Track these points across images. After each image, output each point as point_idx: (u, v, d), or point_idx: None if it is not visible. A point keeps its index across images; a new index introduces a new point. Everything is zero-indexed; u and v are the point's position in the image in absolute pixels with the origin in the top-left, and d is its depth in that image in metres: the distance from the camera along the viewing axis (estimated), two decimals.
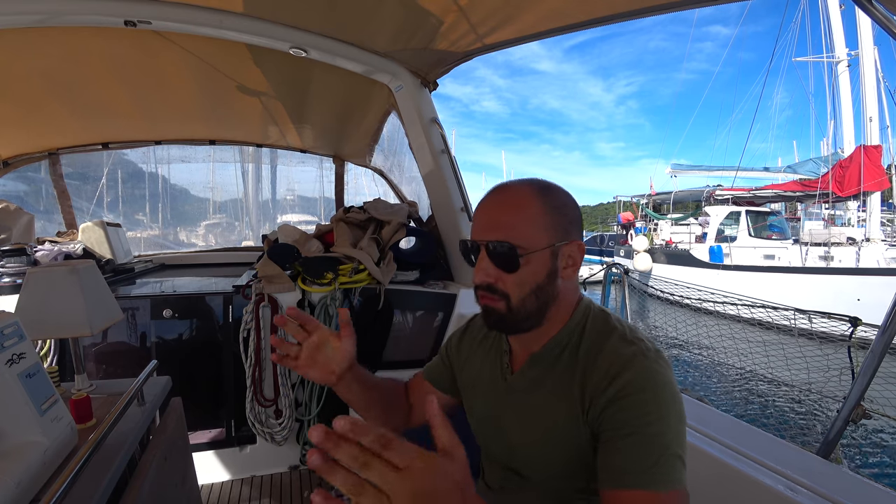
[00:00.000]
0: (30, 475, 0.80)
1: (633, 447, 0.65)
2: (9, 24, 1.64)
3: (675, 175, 17.79)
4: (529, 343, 0.82)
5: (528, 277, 0.74)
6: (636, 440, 0.65)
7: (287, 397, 2.18)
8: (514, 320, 0.75)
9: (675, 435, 0.66)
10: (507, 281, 0.74)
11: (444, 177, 2.30)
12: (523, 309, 0.75)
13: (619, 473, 0.65)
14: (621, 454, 0.66)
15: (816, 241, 10.87)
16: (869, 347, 1.17)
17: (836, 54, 12.60)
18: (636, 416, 0.66)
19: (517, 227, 0.73)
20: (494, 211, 0.76)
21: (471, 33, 1.71)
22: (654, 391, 0.67)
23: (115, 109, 2.65)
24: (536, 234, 0.73)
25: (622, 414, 0.67)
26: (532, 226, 0.73)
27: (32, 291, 1.18)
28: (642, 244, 14.59)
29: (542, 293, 0.75)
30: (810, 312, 5.65)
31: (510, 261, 0.73)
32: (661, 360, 0.71)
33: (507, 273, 0.73)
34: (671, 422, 0.66)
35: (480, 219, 0.77)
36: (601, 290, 7.72)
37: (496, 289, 0.75)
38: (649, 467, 0.63)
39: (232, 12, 1.72)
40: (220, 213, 4.34)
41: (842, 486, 0.84)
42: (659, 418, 0.66)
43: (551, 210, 0.75)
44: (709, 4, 1.28)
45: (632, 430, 0.66)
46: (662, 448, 0.64)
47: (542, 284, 0.75)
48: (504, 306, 0.75)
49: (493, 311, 0.76)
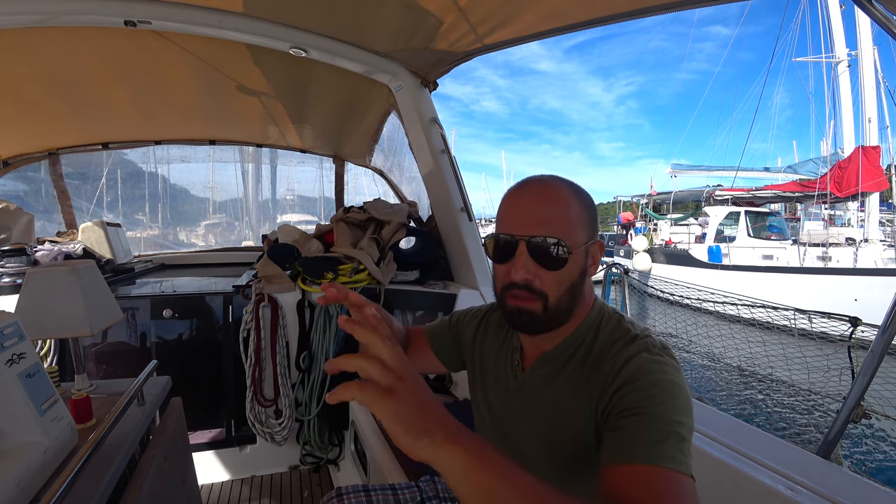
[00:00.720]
0: (30, 475, 0.80)
1: (640, 424, 0.62)
2: (9, 24, 1.64)
3: (674, 175, 17.81)
4: (542, 342, 0.80)
5: (566, 276, 0.72)
6: (644, 419, 0.62)
7: (287, 397, 2.18)
8: (547, 320, 0.73)
9: (683, 420, 0.63)
10: (546, 279, 0.71)
11: (444, 177, 2.30)
12: (558, 308, 0.73)
13: (627, 447, 0.61)
14: (628, 430, 0.62)
15: (814, 242, 10.90)
16: (869, 347, 1.17)
17: (837, 54, 12.59)
18: (643, 397, 0.64)
19: (562, 224, 0.71)
20: (536, 206, 0.73)
21: (470, 33, 1.71)
22: (660, 378, 0.66)
23: (115, 109, 2.65)
24: (577, 231, 0.72)
25: (629, 397, 0.65)
26: (574, 223, 0.72)
27: (32, 291, 1.18)
28: (642, 244, 14.61)
29: (575, 291, 0.74)
30: (810, 312, 5.66)
31: (555, 258, 0.70)
32: (668, 356, 0.70)
33: (548, 270, 0.71)
34: (678, 405, 0.64)
35: (519, 213, 0.73)
36: (601, 289, 7.73)
37: (534, 288, 0.72)
38: (658, 442, 0.59)
39: (232, 12, 1.72)
40: (220, 214, 4.34)
41: (842, 486, 0.84)
42: (666, 399, 0.63)
43: (585, 208, 0.74)
44: (709, 4, 1.28)
45: (638, 411, 0.63)
46: (671, 426, 0.61)
47: (577, 283, 0.73)
48: (540, 307, 0.72)
49: (526, 313, 0.73)
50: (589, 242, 0.74)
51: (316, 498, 2.12)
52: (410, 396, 0.48)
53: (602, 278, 7.97)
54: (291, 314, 2.23)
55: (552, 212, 0.72)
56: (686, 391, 0.67)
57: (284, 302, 2.20)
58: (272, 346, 2.16)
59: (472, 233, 2.37)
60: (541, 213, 0.72)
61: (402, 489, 1.11)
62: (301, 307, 2.24)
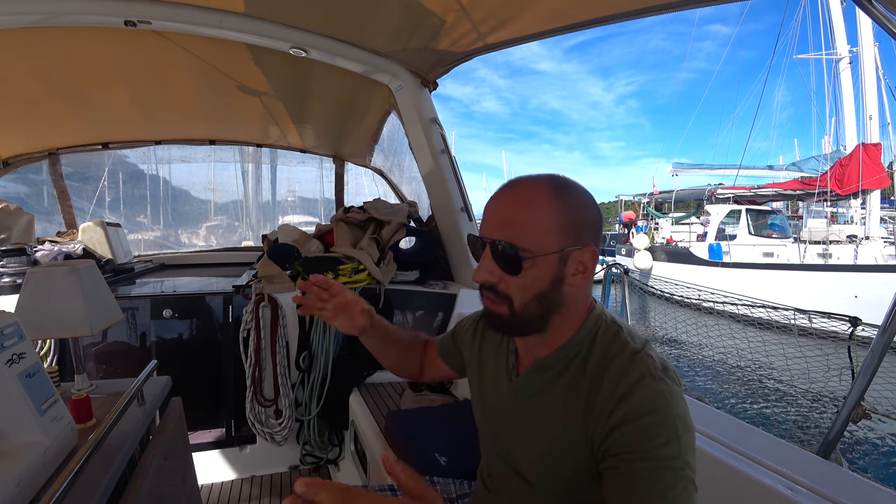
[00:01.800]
0: (30, 475, 0.80)
1: (645, 473, 0.61)
2: (9, 24, 1.64)
3: (676, 174, 17.81)
4: (535, 348, 0.79)
5: (530, 282, 0.69)
6: (647, 465, 0.61)
7: (287, 397, 2.18)
8: (516, 324, 0.73)
9: (686, 457, 0.63)
10: (510, 283, 0.70)
11: (444, 177, 2.30)
12: (525, 314, 0.71)
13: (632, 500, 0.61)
14: (632, 481, 0.62)
15: (815, 239, 10.90)
16: (869, 347, 1.17)
17: (838, 51, 12.55)
18: (645, 439, 0.63)
19: (524, 227, 0.68)
20: (503, 208, 0.72)
21: (470, 33, 1.71)
22: (664, 412, 0.64)
23: (115, 109, 2.65)
24: (544, 236, 0.68)
25: (630, 437, 0.64)
26: (543, 228, 0.68)
27: (32, 291, 1.18)
28: (643, 242, 14.64)
29: (544, 300, 0.71)
30: (810, 312, 5.66)
31: (513, 263, 0.69)
32: (670, 380, 0.67)
33: (510, 275, 0.70)
34: (681, 443, 0.63)
35: (489, 214, 0.73)
36: (601, 289, 7.73)
37: (498, 290, 0.71)
38: (666, 492, 0.60)
39: (232, 12, 1.72)
40: (221, 215, 4.33)
41: (842, 486, 0.84)
42: (668, 441, 0.62)
43: (565, 211, 0.69)
44: (709, 4, 1.28)
45: (641, 455, 0.62)
46: (675, 472, 0.61)
47: (546, 291, 0.70)
48: (506, 310, 0.72)
49: (495, 315, 0.73)
50: (567, 249, 0.69)
51: None
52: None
53: (602, 278, 7.98)
54: (291, 314, 2.23)
55: (519, 216, 0.69)
56: (686, 414, 0.66)
57: (284, 302, 2.20)
58: (272, 346, 2.16)
59: (473, 233, 2.37)
60: (506, 217, 0.70)
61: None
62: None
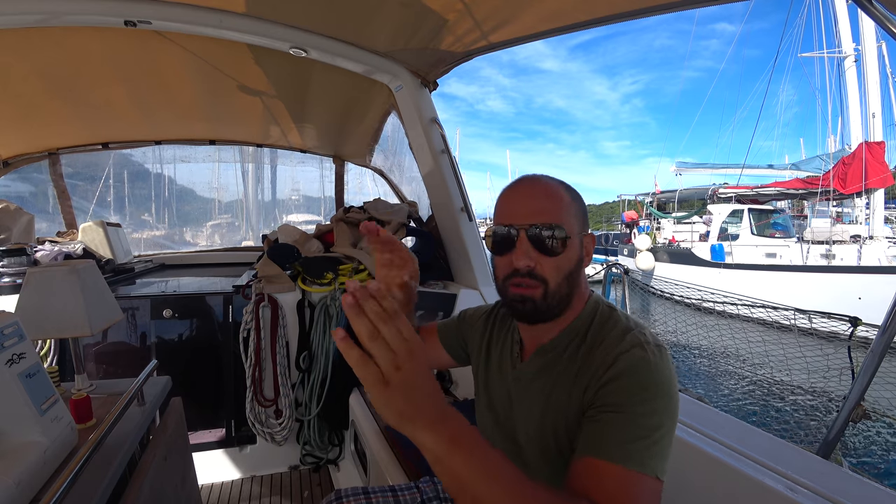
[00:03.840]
0: (30, 475, 0.80)
1: (615, 422, 0.65)
2: (9, 24, 1.64)
3: (679, 173, 17.76)
4: (540, 334, 0.83)
5: (564, 262, 0.76)
6: (620, 417, 0.65)
7: (287, 397, 2.18)
8: (547, 307, 0.77)
9: (662, 423, 0.65)
10: (546, 265, 0.76)
11: (444, 177, 2.30)
12: (558, 293, 0.76)
13: (597, 442, 0.65)
14: (601, 426, 0.66)
15: (818, 240, 10.83)
16: (869, 347, 1.17)
17: (843, 49, 12.48)
18: (626, 396, 0.67)
19: (558, 213, 0.76)
20: (532, 198, 0.78)
21: (470, 33, 1.70)
22: (648, 376, 0.68)
23: (115, 109, 2.65)
24: (572, 221, 0.77)
25: (612, 395, 0.68)
26: (568, 213, 0.77)
27: (32, 291, 1.18)
28: (645, 243, 14.58)
29: (572, 279, 0.77)
30: (810, 312, 5.65)
31: (554, 244, 0.75)
32: (661, 354, 0.71)
33: (549, 257, 0.75)
34: (659, 408, 0.66)
35: (517, 205, 0.79)
36: (601, 289, 7.72)
37: (536, 274, 0.76)
38: (627, 442, 0.63)
39: (232, 12, 1.72)
40: (224, 214, 4.33)
41: (842, 486, 0.84)
42: (646, 400, 0.66)
43: (575, 202, 0.80)
44: (712, 4, 1.28)
45: (618, 409, 0.66)
46: (646, 430, 0.64)
47: (574, 271, 0.78)
48: (541, 293, 0.76)
49: (528, 300, 0.77)
50: (581, 233, 0.79)
51: (316, 498, 2.12)
52: (402, 387, 0.51)
53: (602, 278, 7.97)
54: (291, 314, 2.23)
55: (548, 203, 0.77)
56: (672, 390, 0.69)
57: (284, 302, 2.20)
58: (272, 346, 2.17)
59: (473, 233, 2.37)
60: (538, 204, 0.77)
61: (401, 490, 1.11)
62: (301, 307, 2.24)
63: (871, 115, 11.16)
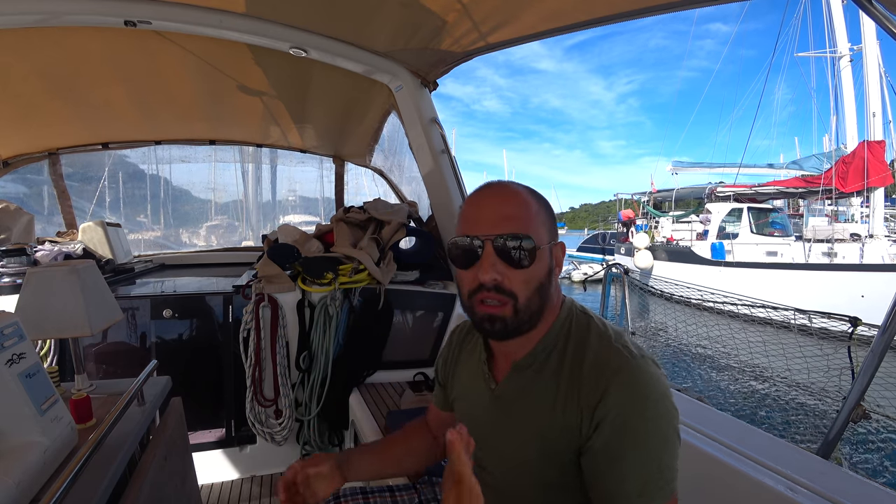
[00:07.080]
0: (30, 475, 0.80)
1: (630, 465, 0.64)
2: (9, 24, 1.64)
3: (676, 172, 17.76)
4: (513, 349, 0.78)
5: (534, 275, 0.71)
6: (634, 457, 0.64)
7: (287, 397, 2.18)
8: (518, 323, 0.71)
9: (669, 446, 0.65)
10: (514, 279, 0.70)
11: (444, 177, 2.30)
12: (529, 309, 0.71)
13: (616, 493, 0.64)
14: (617, 472, 0.64)
15: (819, 238, 10.83)
16: (869, 347, 1.17)
17: (839, 49, 12.50)
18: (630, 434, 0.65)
19: (526, 221, 0.71)
20: (497, 206, 0.72)
21: (470, 33, 1.70)
22: (647, 403, 0.65)
23: (115, 109, 2.65)
24: (541, 230, 0.72)
25: (616, 435, 0.65)
26: (536, 221, 0.72)
27: (32, 291, 1.18)
28: (643, 241, 14.58)
29: (543, 292, 0.72)
30: (810, 312, 5.65)
31: (522, 255, 0.69)
32: (648, 364, 0.69)
33: (516, 269, 0.69)
34: (663, 434, 0.65)
35: (482, 213, 0.73)
36: (601, 289, 7.73)
37: (503, 288, 0.70)
38: (646, 483, 0.63)
39: (232, 12, 1.72)
40: (222, 215, 4.33)
41: (842, 486, 0.84)
42: (650, 432, 0.65)
43: (543, 209, 0.75)
44: (709, 4, 1.28)
45: (625, 451, 0.65)
46: (658, 463, 0.64)
47: (544, 283, 0.72)
48: (511, 309, 0.70)
49: (497, 319, 0.71)
50: (551, 243, 0.74)
51: None
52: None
53: (602, 278, 7.97)
54: (291, 314, 2.23)
55: (514, 210, 0.72)
56: (668, 400, 0.67)
57: (284, 302, 2.20)
58: (272, 346, 2.16)
59: None
60: (504, 211, 0.71)
61: (399, 491, 1.11)
62: (301, 307, 2.24)
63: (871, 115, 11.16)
